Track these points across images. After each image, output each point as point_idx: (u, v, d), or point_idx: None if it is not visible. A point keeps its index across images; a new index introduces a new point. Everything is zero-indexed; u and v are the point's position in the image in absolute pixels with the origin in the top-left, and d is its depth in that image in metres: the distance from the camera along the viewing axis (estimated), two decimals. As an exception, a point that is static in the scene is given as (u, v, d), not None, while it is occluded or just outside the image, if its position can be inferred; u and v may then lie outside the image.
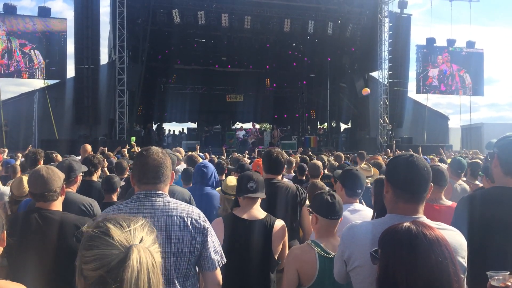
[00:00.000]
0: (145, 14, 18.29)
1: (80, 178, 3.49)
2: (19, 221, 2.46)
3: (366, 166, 4.82)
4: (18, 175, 4.66)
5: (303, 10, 19.42)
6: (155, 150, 2.16)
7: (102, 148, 9.36)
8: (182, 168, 5.47)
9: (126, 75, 17.61)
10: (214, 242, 2.14)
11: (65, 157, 5.54)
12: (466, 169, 4.74)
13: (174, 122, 27.74)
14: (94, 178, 4.48)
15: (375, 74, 21.45)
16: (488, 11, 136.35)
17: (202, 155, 8.14)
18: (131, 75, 18.14)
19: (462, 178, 4.65)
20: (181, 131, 23.84)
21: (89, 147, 6.79)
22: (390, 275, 1.35)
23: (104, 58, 19.79)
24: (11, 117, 17.44)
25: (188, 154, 7.08)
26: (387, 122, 20.31)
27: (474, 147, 16.86)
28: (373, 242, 1.52)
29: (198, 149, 11.46)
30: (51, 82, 19.55)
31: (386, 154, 12.06)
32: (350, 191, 3.13)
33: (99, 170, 4.73)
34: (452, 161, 4.80)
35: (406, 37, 21.33)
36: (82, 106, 17.63)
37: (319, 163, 5.40)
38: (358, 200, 3.22)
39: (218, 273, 2.16)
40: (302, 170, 6.12)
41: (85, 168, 3.76)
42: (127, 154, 9.22)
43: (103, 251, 1.00)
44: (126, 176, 5.48)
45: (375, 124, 20.71)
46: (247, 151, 13.31)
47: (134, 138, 13.42)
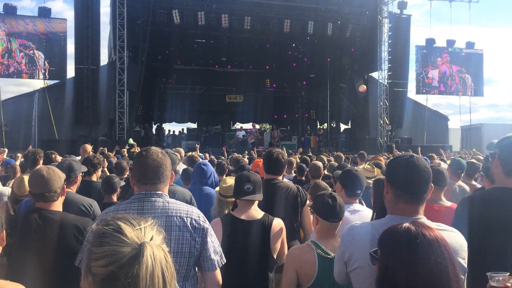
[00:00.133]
0: (145, 15, 18.31)
1: (80, 178, 3.49)
2: (19, 221, 2.46)
3: (369, 167, 4.76)
4: (18, 175, 4.65)
5: (303, 11, 19.42)
6: (155, 150, 2.16)
7: (102, 148, 9.35)
8: (181, 168, 5.45)
9: (126, 75, 17.63)
10: (213, 243, 2.14)
11: (65, 157, 5.54)
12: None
13: (174, 122, 27.79)
14: (94, 178, 4.47)
15: (375, 75, 21.49)
16: (487, 12, 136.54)
17: (201, 156, 8.12)
18: (131, 75, 18.15)
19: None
20: (181, 131, 23.84)
21: (89, 147, 6.78)
22: (390, 276, 1.35)
23: (104, 59, 19.83)
24: (11, 117, 17.44)
25: (188, 154, 7.07)
26: (387, 122, 20.31)
27: (474, 148, 16.85)
28: (373, 243, 1.52)
29: (198, 149, 11.44)
30: (51, 82, 19.55)
31: (387, 154, 12.02)
32: (350, 192, 3.13)
33: (99, 170, 4.72)
34: (452, 161, 4.80)
35: (406, 37, 21.33)
36: (82, 106, 17.64)
37: (320, 164, 5.39)
38: (357, 200, 3.22)
39: (218, 273, 2.16)
40: (301, 170, 6.11)
41: (84, 168, 3.76)
42: (127, 154, 9.21)
43: (115, 248, 1.01)
44: (126, 176, 5.47)
45: (375, 124, 20.70)
46: (247, 151, 13.30)
47: (131, 140, 13.40)
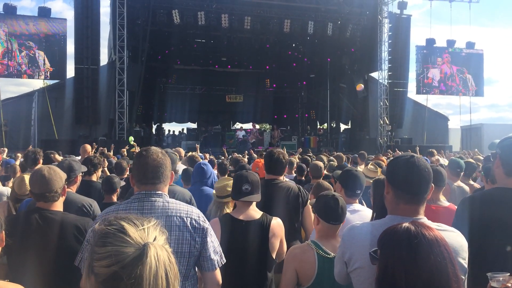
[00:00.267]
0: (145, 15, 18.31)
1: (79, 178, 3.49)
2: (20, 221, 2.46)
3: (372, 167, 4.72)
4: (18, 175, 4.65)
5: (303, 11, 19.42)
6: (155, 150, 2.16)
7: (102, 148, 9.35)
8: (180, 168, 5.44)
9: (126, 75, 17.62)
10: (213, 242, 2.14)
11: (65, 157, 5.54)
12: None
13: (174, 123, 27.80)
14: (94, 178, 4.47)
15: (375, 75, 21.47)
16: (487, 12, 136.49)
17: (201, 156, 8.11)
18: (131, 75, 18.15)
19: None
20: (181, 131, 23.84)
21: (89, 147, 6.78)
22: (389, 276, 1.35)
23: (104, 59, 19.84)
24: (11, 117, 17.43)
25: (188, 154, 7.06)
26: (387, 122, 20.30)
27: (474, 148, 16.85)
28: (373, 243, 1.51)
29: (198, 149, 11.44)
30: (51, 82, 19.55)
31: (391, 151, 11.99)
32: (349, 192, 3.12)
33: (99, 170, 4.72)
34: (450, 161, 4.81)
35: (406, 37, 21.32)
36: (82, 106, 17.63)
37: (321, 164, 5.37)
38: (357, 200, 3.22)
39: (218, 273, 2.16)
40: (301, 170, 6.10)
41: (84, 168, 3.76)
42: (126, 154, 9.21)
43: (118, 248, 1.00)
44: (126, 176, 5.47)
45: (375, 124, 20.70)
46: (247, 151, 13.30)
47: (132, 138, 13.35)
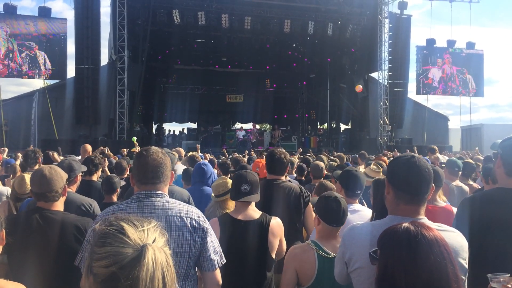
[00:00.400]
0: (145, 14, 18.30)
1: (79, 178, 3.49)
2: (20, 220, 2.46)
3: (375, 167, 4.68)
4: (18, 175, 4.64)
5: (303, 11, 19.42)
6: (155, 150, 2.16)
7: (102, 148, 9.35)
8: (179, 168, 5.43)
9: (126, 75, 17.62)
10: (213, 243, 2.14)
11: (65, 156, 5.53)
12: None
13: (174, 122, 27.78)
14: (94, 178, 4.47)
15: (375, 75, 21.48)
16: (488, 12, 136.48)
17: (201, 156, 8.11)
18: (131, 75, 18.15)
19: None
20: (181, 131, 23.85)
21: (89, 147, 6.78)
22: (389, 276, 1.34)
23: (104, 59, 19.82)
24: (11, 117, 17.45)
25: (189, 154, 7.06)
26: (387, 122, 20.29)
27: (474, 148, 16.84)
28: (373, 244, 1.51)
29: (199, 149, 11.44)
30: (51, 82, 19.55)
31: (386, 154, 11.98)
32: (350, 192, 3.12)
33: (100, 170, 4.72)
34: (448, 161, 4.81)
35: (406, 38, 21.32)
36: (82, 106, 17.64)
37: (322, 164, 5.36)
38: (357, 200, 3.22)
39: (218, 273, 2.16)
40: (301, 170, 6.10)
41: (84, 168, 3.76)
42: (126, 153, 9.20)
43: (117, 248, 1.00)
44: (126, 176, 5.47)
45: (375, 124, 20.69)
46: (247, 151, 13.30)
47: (135, 138, 13.28)
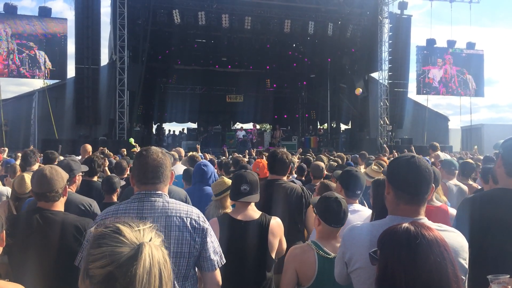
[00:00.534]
0: (145, 15, 18.30)
1: (79, 178, 3.48)
2: (20, 221, 2.46)
3: (376, 167, 4.67)
4: (18, 174, 4.64)
5: (303, 11, 19.42)
6: (155, 150, 2.16)
7: (102, 148, 9.35)
8: (178, 168, 5.42)
9: (127, 75, 17.62)
10: (213, 243, 2.14)
11: (65, 157, 5.54)
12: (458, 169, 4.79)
13: (174, 122, 27.79)
14: (94, 178, 4.47)
15: (375, 75, 21.47)
16: (488, 12, 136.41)
17: (201, 156, 8.10)
18: (131, 75, 18.15)
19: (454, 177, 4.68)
20: (181, 131, 23.85)
21: (89, 147, 6.78)
22: (389, 276, 1.34)
23: (104, 59, 19.82)
24: (11, 117, 17.46)
25: (189, 154, 7.05)
26: (387, 122, 20.29)
27: (473, 147, 16.86)
28: (373, 244, 1.51)
29: (199, 149, 11.44)
30: (51, 82, 19.55)
31: (385, 154, 11.98)
32: (350, 192, 3.12)
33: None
34: (444, 162, 4.81)
35: (406, 38, 21.31)
36: (82, 106, 17.64)
37: (322, 164, 5.36)
38: (357, 200, 3.21)
39: (218, 273, 2.15)
40: (301, 170, 6.10)
41: (85, 168, 3.76)
42: (125, 153, 9.21)
43: (113, 248, 1.00)
44: (126, 176, 5.46)
45: (375, 125, 20.69)
46: (247, 151, 13.30)
47: (133, 140, 13.27)
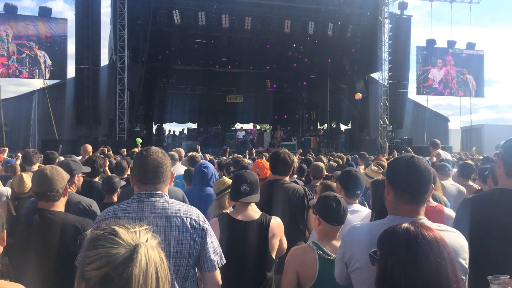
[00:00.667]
0: (145, 15, 18.31)
1: (79, 178, 3.49)
2: (20, 221, 2.47)
3: (376, 168, 4.67)
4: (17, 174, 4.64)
5: (303, 11, 19.43)
6: (155, 150, 2.16)
7: (102, 148, 9.36)
8: (178, 169, 5.43)
9: (127, 76, 17.63)
10: (213, 243, 2.14)
11: (65, 157, 5.54)
12: (457, 170, 4.80)
13: (174, 123, 27.77)
14: (96, 179, 4.47)
15: (375, 75, 21.47)
16: (488, 13, 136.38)
17: (201, 156, 8.10)
18: (132, 76, 18.15)
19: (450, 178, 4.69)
20: (181, 132, 23.85)
21: (89, 147, 6.78)
22: (389, 276, 1.34)
23: (104, 59, 19.83)
24: (11, 117, 17.45)
25: (189, 154, 7.05)
26: (387, 123, 20.28)
27: (471, 148, 16.85)
28: (373, 244, 1.51)
29: (199, 150, 11.43)
30: (51, 82, 19.55)
31: (386, 153, 11.98)
32: (350, 192, 3.12)
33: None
34: (437, 166, 4.83)
35: (406, 38, 21.31)
36: (82, 106, 17.64)
37: (322, 165, 5.37)
38: (357, 200, 3.21)
39: (218, 273, 2.15)
40: (301, 171, 6.10)
41: (87, 169, 3.76)
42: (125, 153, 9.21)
43: (109, 249, 0.99)
44: (126, 176, 5.47)
45: (375, 125, 20.69)
46: (248, 151, 13.30)
47: (140, 140, 13.02)
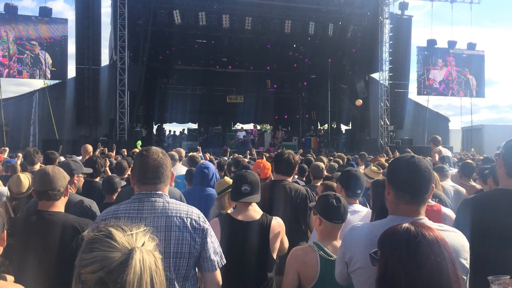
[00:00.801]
0: (146, 15, 18.31)
1: (79, 179, 3.49)
2: (20, 222, 2.47)
3: (375, 168, 4.68)
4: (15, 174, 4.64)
5: (304, 11, 19.43)
6: (155, 150, 2.16)
7: (102, 148, 9.35)
8: (178, 169, 5.43)
9: (127, 76, 17.63)
10: (213, 243, 2.14)
11: (65, 157, 5.54)
12: (459, 169, 4.81)
13: (174, 123, 27.77)
14: (97, 179, 4.47)
15: (376, 76, 21.45)
16: (488, 13, 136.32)
17: (201, 156, 8.10)
18: (132, 76, 18.15)
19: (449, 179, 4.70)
20: (181, 132, 23.86)
21: (90, 147, 6.78)
22: (389, 276, 1.34)
23: (105, 59, 19.81)
24: (12, 117, 17.46)
25: (189, 154, 7.05)
26: (388, 123, 20.27)
27: (475, 149, 16.84)
28: (374, 244, 1.51)
29: (200, 150, 11.43)
30: (51, 82, 19.56)
31: (387, 155, 11.94)
32: (350, 192, 3.12)
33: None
34: (435, 168, 4.83)
35: (407, 38, 21.31)
36: (82, 107, 17.65)
37: (322, 165, 5.37)
38: (358, 200, 3.21)
39: (218, 274, 2.15)
40: (302, 171, 6.10)
41: (88, 170, 3.76)
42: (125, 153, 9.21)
43: (104, 253, 0.98)
44: (126, 176, 5.46)
45: (376, 125, 20.69)
46: (248, 151, 13.30)
47: (140, 142, 12.99)
